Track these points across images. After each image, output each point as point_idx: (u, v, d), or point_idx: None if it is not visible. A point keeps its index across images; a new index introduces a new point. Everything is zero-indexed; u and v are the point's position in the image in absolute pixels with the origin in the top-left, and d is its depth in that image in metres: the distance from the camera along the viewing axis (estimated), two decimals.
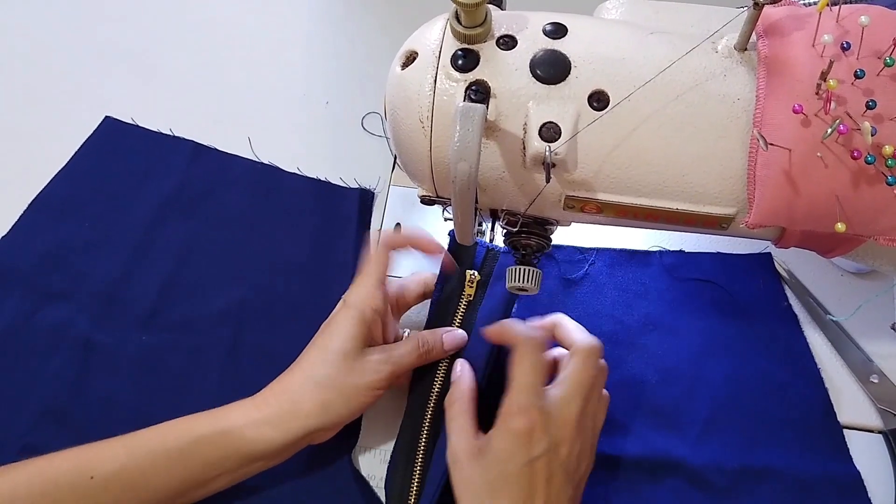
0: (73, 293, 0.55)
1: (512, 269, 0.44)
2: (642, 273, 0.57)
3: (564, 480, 0.41)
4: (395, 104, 0.40)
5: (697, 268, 0.57)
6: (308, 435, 0.44)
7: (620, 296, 0.56)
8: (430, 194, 0.44)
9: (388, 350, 0.46)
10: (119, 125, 0.64)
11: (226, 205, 0.60)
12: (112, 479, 0.41)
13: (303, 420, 0.43)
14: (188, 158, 0.62)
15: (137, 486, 0.41)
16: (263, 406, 0.44)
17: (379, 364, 0.45)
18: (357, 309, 0.45)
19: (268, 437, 0.43)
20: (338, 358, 0.44)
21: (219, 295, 0.56)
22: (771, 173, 0.36)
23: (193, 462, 0.42)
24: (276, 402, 0.44)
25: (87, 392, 0.51)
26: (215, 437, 0.42)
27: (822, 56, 0.35)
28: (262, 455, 0.43)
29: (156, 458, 0.42)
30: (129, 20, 0.72)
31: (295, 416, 0.43)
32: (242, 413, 0.44)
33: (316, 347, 0.46)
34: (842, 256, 0.41)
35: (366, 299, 0.46)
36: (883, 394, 0.52)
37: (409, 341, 0.47)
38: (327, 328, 0.46)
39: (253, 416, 0.43)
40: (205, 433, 0.42)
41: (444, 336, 0.48)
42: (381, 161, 0.63)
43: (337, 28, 0.74)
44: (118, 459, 0.41)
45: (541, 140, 0.37)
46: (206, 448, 0.42)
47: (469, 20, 0.37)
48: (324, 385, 0.44)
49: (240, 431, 0.43)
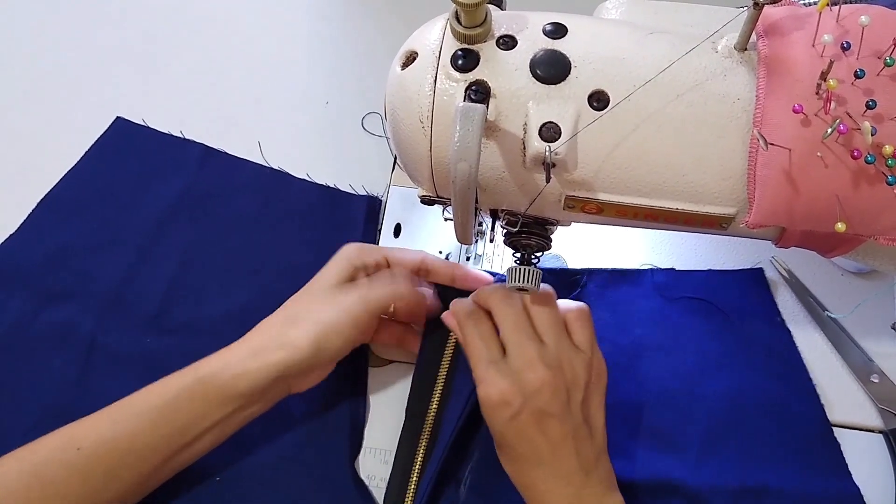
0: (79, 294, 0.55)
1: (512, 268, 0.44)
2: (634, 293, 0.56)
3: (562, 416, 0.41)
4: (395, 104, 0.40)
5: (689, 286, 0.56)
6: (286, 369, 0.43)
7: (613, 317, 0.55)
8: (430, 194, 0.44)
9: (369, 281, 0.47)
10: (130, 126, 0.64)
11: (233, 208, 0.60)
12: (99, 447, 0.41)
13: (288, 352, 0.43)
14: (197, 161, 0.62)
15: (125, 451, 0.41)
16: (244, 343, 0.44)
17: (359, 291, 0.45)
18: (345, 257, 0.47)
19: (247, 372, 0.42)
20: (317, 291, 0.45)
21: (224, 298, 0.56)
22: (771, 173, 0.36)
23: (178, 417, 0.42)
24: (254, 338, 0.44)
25: (91, 392, 0.51)
26: (194, 386, 0.42)
27: (822, 56, 0.35)
28: (242, 393, 0.43)
29: (140, 419, 0.42)
30: (140, 22, 0.73)
31: (272, 348, 0.43)
32: (220, 357, 0.44)
33: (303, 291, 0.47)
34: (842, 256, 0.41)
35: (358, 248, 0.47)
36: (883, 394, 0.52)
37: (394, 274, 0.47)
38: (317, 275, 0.47)
39: (230, 357, 0.43)
40: (183, 386, 0.43)
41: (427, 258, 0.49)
42: (382, 161, 0.63)
43: (337, 28, 0.74)
44: (103, 427, 0.42)
45: (541, 140, 0.37)
46: (187, 401, 0.42)
47: (469, 20, 0.37)
48: (302, 317, 0.44)
49: (219, 375, 0.43)
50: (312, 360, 0.44)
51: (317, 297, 0.45)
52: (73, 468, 0.40)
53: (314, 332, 0.43)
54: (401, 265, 0.48)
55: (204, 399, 0.42)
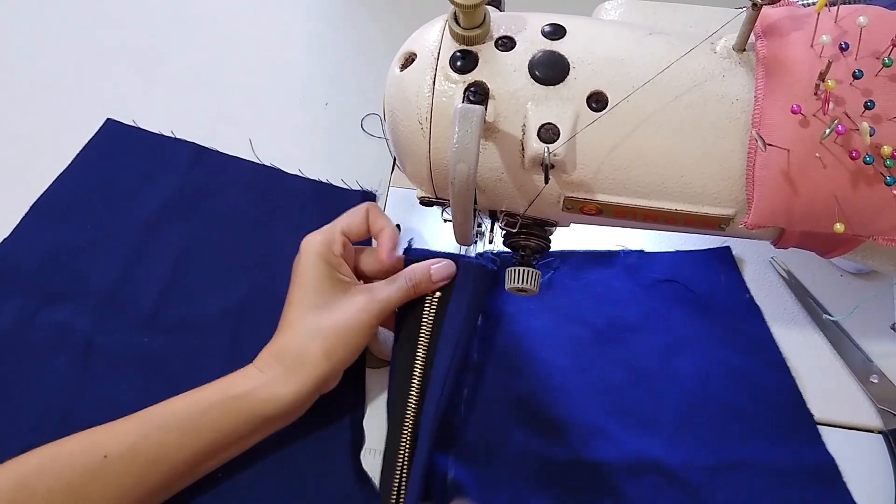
0: (75, 295, 0.55)
1: (511, 270, 0.44)
2: (607, 274, 0.57)
3: None
4: (393, 105, 0.40)
5: (658, 266, 0.57)
6: (317, 386, 0.44)
7: (586, 299, 0.56)
8: (429, 196, 0.44)
9: (371, 289, 0.47)
10: (120, 127, 0.64)
11: (227, 206, 0.60)
12: (126, 455, 0.41)
13: (309, 371, 0.43)
14: (189, 160, 0.62)
15: (151, 461, 0.41)
16: (267, 368, 0.44)
17: (365, 303, 0.45)
18: (314, 253, 0.46)
19: (280, 395, 0.43)
20: (319, 305, 0.45)
21: (219, 296, 0.56)
22: (770, 174, 0.36)
23: (206, 432, 0.42)
24: (277, 363, 0.44)
25: (89, 393, 0.51)
26: (226, 403, 0.43)
27: (821, 56, 0.35)
28: (276, 415, 0.43)
29: (168, 431, 0.42)
30: (129, 22, 0.73)
31: (300, 369, 0.43)
32: (249, 378, 0.44)
33: (294, 303, 0.46)
34: (841, 256, 0.41)
35: (324, 243, 0.47)
36: (883, 394, 0.52)
37: (397, 280, 0.48)
38: (296, 280, 0.47)
39: (260, 379, 0.44)
40: (215, 401, 0.43)
41: (432, 269, 0.48)
42: (381, 162, 0.63)
43: (337, 28, 0.74)
44: (130, 436, 0.41)
45: (539, 141, 0.37)
46: (218, 416, 0.42)
47: (468, 21, 0.37)
48: (320, 333, 0.44)
49: (251, 395, 0.43)
50: (336, 369, 0.45)
51: (324, 311, 0.45)
52: (98, 474, 0.40)
53: (342, 347, 0.44)
54: (357, 232, 0.49)
55: (234, 417, 0.43)
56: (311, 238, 0.48)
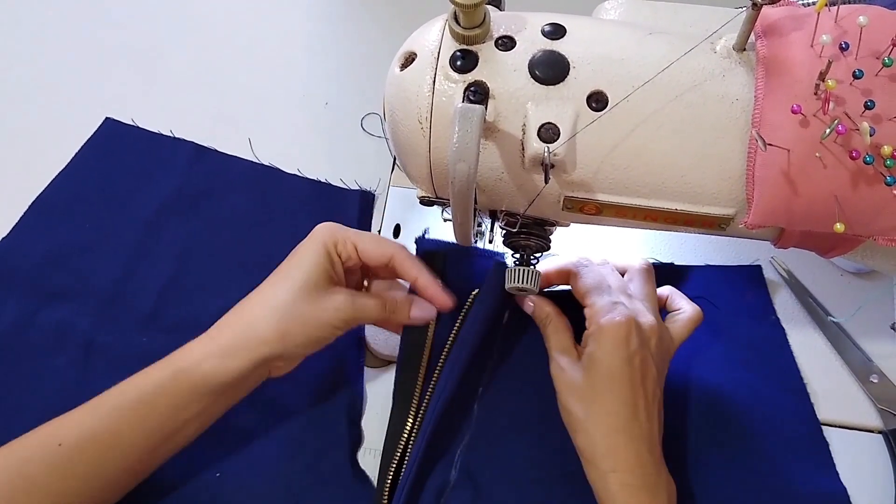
0: (75, 294, 0.55)
1: (511, 269, 0.44)
2: None
3: (657, 378, 0.43)
4: (393, 105, 0.40)
5: (687, 281, 0.56)
6: (265, 362, 0.43)
7: None
8: (429, 195, 0.44)
9: (354, 295, 0.45)
10: (119, 126, 0.64)
11: (226, 206, 0.60)
12: (81, 442, 0.40)
13: (259, 346, 0.42)
14: (189, 159, 0.62)
15: (108, 446, 0.41)
16: (218, 336, 0.43)
17: (343, 303, 0.44)
18: (321, 242, 0.45)
19: (226, 367, 0.42)
20: (300, 286, 0.43)
21: (219, 296, 0.55)
22: (770, 173, 0.36)
23: (158, 410, 0.42)
24: (230, 331, 0.43)
25: (89, 392, 0.50)
26: (174, 378, 0.42)
27: (821, 56, 0.35)
28: (223, 387, 0.42)
29: (121, 413, 0.41)
30: (129, 21, 0.73)
31: (251, 342, 0.42)
32: (198, 348, 0.43)
33: (278, 275, 0.45)
34: (841, 256, 0.41)
35: (333, 234, 0.46)
36: (883, 394, 0.52)
37: (376, 299, 0.47)
38: (291, 258, 0.46)
39: (209, 349, 0.43)
40: (163, 377, 0.42)
41: (412, 309, 0.48)
42: (381, 162, 0.63)
43: (337, 28, 0.74)
44: (84, 422, 0.41)
45: (540, 141, 0.37)
46: (167, 392, 0.42)
47: (468, 21, 0.37)
48: (282, 312, 0.43)
49: (197, 367, 0.42)
50: (297, 359, 0.45)
51: (301, 295, 0.44)
52: (55, 464, 0.40)
53: (300, 334, 0.43)
54: (367, 259, 0.47)
55: (183, 392, 0.42)
56: (325, 226, 0.47)
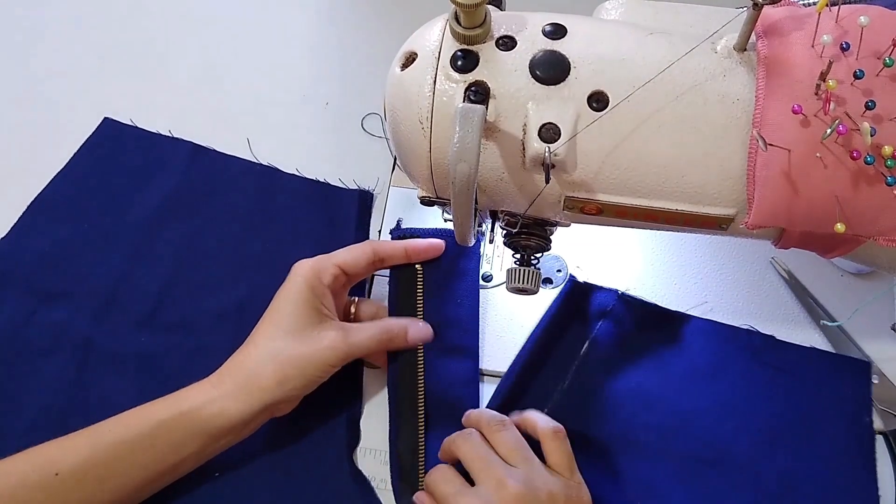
0: (73, 294, 0.55)
1: (511, 270, 0.44)
2: (727, 349, 0.53)
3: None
4: (394, 105, 0.40)
5: (785, 357, 0.53)
6: (267, 408, 0.44)
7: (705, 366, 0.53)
8: (429, 195, 0.44)
9: (346, 330, 0.46)
10: (118, 126, 0.64)
11: (225, 206, 0.60)
12: (78, 472, 0.41)
13: (260, 394, 0.43)
14: (187, 159, 0.62)
15: (104, 478, 0.41)
16: (220, 384, 0.44)
17: (335, 342, 0.45)
18: (303, 278, 0.46)
19: (228, 413, 0.43)
20: (290, 331, 0.44)
21: (218, 296, 0.56)
22: (770, 174, 0.36)
23: (157, 447, 0.42)
24: (231, 379, 0.44)
25: (87, 392, 0.51)
26: (176, 419, 0.42)
27: (822, 56, 0.35)
28: (224, 431, 0.43)
29: (119, 447, 0.42)
30: (128, 21, 0.73)
31: (252, 390, 0.43)
32: (200, 392, 0.44)
33: (268, 321, 0.46)
34: (842, 257, 0.41)
35: (313, 267, 0.46)
36: (883, 394, 0.52)
37: (373, 327, 0.47)
38: (277, 300, 0.46)
39: (211, 394, 0.43)
40: (165, 417, 0.42)
41: (409, 328, 0.48)
42: (381, 162, 0.63)
43: (337, 28, 0.74)
44: (81, 453, 0.41)
45: (540, 141, 0.37)
46: (167, 432, 0.42)
47: (468, 21, 0.37)
48: (278, 359, 0.44)
49: (199, 411, 0.43)
50: (298, 399, 0.46)
51: (293, 339, 0.44)
52: (50, 492, 0.40)
53: (298, 377, 0.44)
54: (354, 269, 0.48)
55: (184, 431, 0.43)
56: (303, 262, 0.47)
